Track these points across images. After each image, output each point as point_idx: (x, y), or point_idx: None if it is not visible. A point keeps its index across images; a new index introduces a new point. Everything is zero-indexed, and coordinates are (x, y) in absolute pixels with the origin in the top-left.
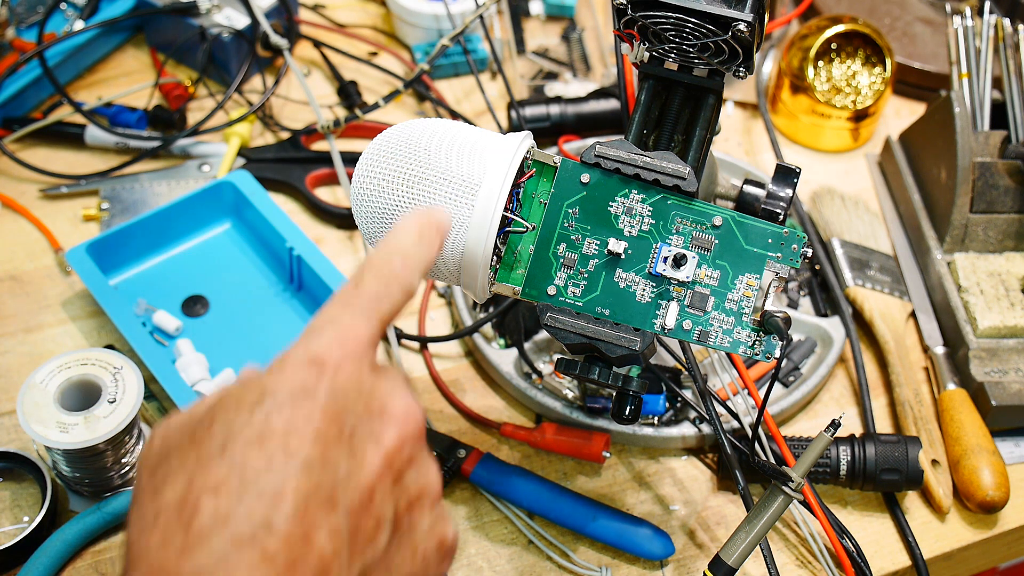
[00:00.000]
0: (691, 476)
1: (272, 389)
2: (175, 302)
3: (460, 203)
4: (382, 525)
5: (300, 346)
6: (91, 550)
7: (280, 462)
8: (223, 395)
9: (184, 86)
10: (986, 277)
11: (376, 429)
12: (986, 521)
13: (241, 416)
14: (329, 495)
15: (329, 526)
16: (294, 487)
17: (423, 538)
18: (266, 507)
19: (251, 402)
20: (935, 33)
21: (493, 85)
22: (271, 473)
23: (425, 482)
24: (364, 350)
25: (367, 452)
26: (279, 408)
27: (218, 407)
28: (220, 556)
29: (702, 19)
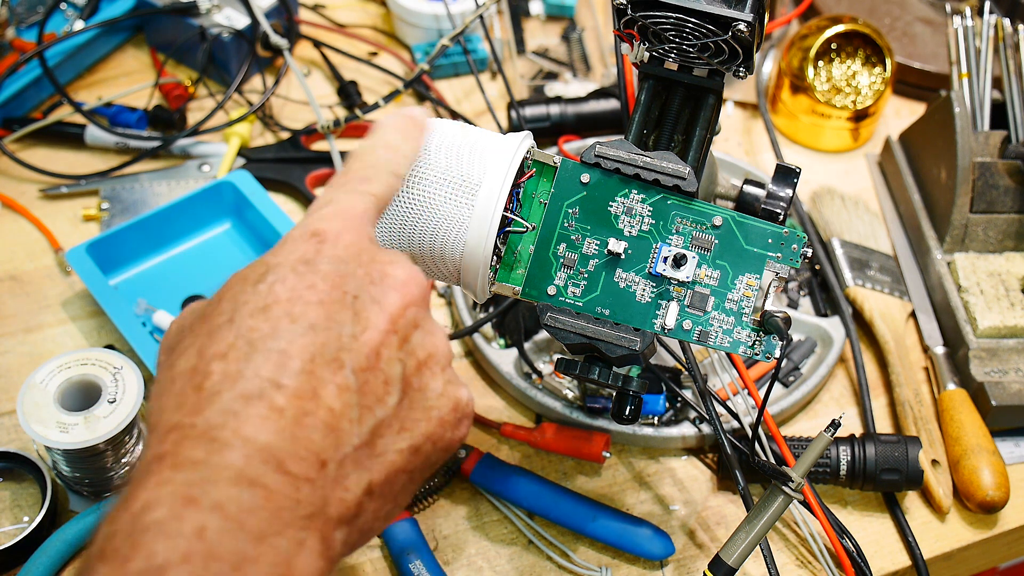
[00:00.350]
0: (691, 476)
1: (275, 263)
2: (175, 302)
3: (460, 203)
4: (391, 384)
5: (300, 224)
6: None
7: (285, 325)
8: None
9: (184, 86)
10: (986, 277)
11: (378, 293)
12: (986, 521)
13: (247, 290)
14: (335, 355)
15: (336, 382)
16: (300, 347)
17: (436, 399)
18: (273, 366)
19: (256, 277)
20: (935, 33)
21: (493, 85)
22: (277, 336)
23: (432, 345)
24: (360, 222)
25: (371, 314)
26: (282, 279)
27: (226, 287)
28: (230, 411)
29: (702, 19)
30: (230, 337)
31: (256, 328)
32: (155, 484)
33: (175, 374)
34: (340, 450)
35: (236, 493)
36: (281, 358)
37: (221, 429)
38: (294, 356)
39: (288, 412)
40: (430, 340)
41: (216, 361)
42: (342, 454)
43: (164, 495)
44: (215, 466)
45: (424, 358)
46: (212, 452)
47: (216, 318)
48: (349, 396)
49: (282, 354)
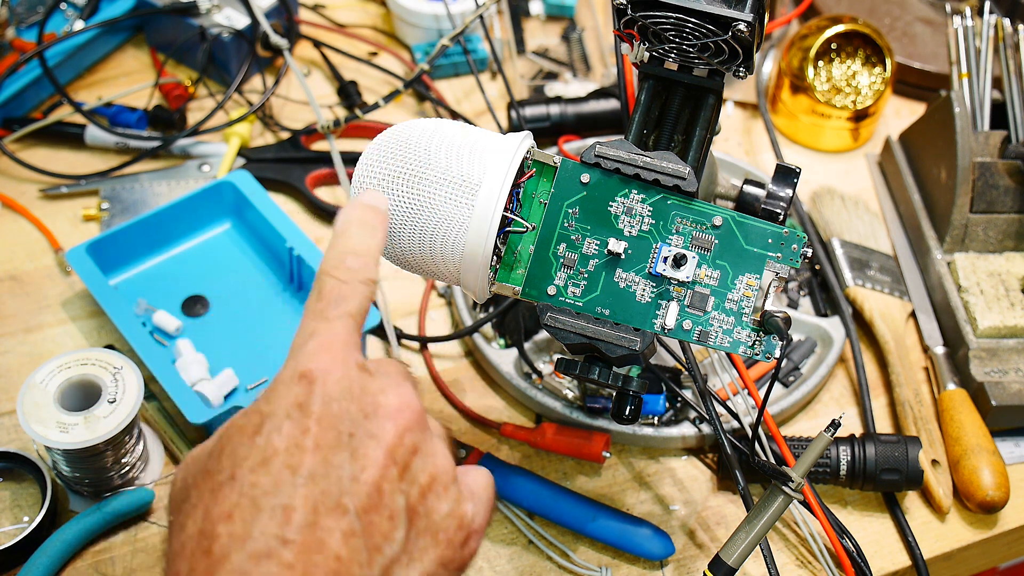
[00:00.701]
0: (691, 476)
1: (269, 412)
2: (175, 302)
3: (460, 203)
4: (396, 518)
5: (288, 365)
6: (91, 550)
7: (286, 479)
8: (229, 426)
9: (184, 86)
10: (986, 277)
11: (373, 427)
12: (986, 521)
13: (244, 443)
14: (337, 501)
15: (341, 529)
16: (302, 499)
17: (442, 521)
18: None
19: (252, 429)
20: (935, 33)
21: (493, 85)
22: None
23: (434, 468)
24: (346, 353)
25: (368, 450)
26: (278, 428)
27: (224, 439)
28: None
29: (702, 19)
30: (233, 496)
31: (257, 484)
32: None
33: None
34: None
35: None
36: (285, 513)
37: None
38: (297, 509)
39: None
40: (431, 462)
41: (222, 523)
42: None
43: None
44: None
45: (427, 482)
46: None
47: (217, 475)
48: (355, 541)
49: (286, 509)
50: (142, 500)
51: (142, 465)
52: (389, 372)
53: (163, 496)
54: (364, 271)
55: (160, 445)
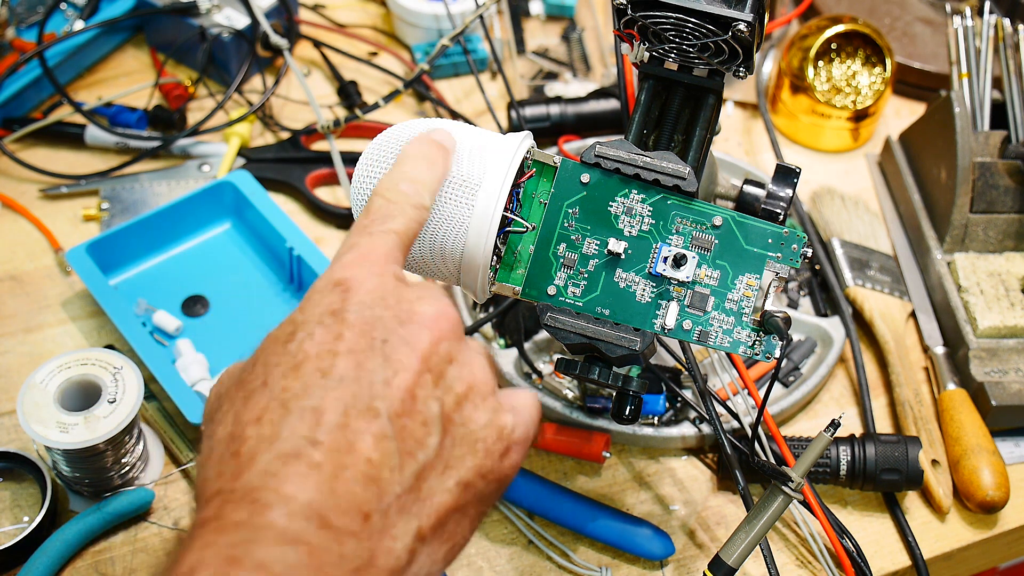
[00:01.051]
0: (691, 476)
1: (302, 320)
2: (175, 302)
3: (460, 203)
4: (430, 424)
5: (324, 275)
6: (91, 550)
7: (316, 381)
8: (265, 339)
9: (184, 86)
10: (986, 277)
11: (407, 333)
12: (986, 521)
13: (278, 350)
14: (368, 404)
15: (373, 432)
16: (332, 401)
17: (481, 431)
18: (308, 424)
19: (285, 336)
20: (935, 33)
21: (493, 85)
22: (309, 393)
23: (471, 377)
24: (384, 264)
25: (402, 356)
26: (310, 334)
27: (259, 350)
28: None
29: (702, 19)
30: (264, 400)
31: (288, 388)
32: (200, 547)
33: (214, 443)
34: (383, 500)
35: (280, 552)
36: (315, 415)
37: (261, 490)
38: (327, 411)
39: (326, 468)
40: (467, 371)
41: (251, 426)
42: (385, 504)
43: (208, 557)
44: (257, 526)
45: (463, 391)
46: (254, 513)
47: (251, 383)
48: (387, 444)
49: (315, 411)
50: (142, 500)
51: (142, 465)
52: (429, 285)
53: (163, 496)
54: (416, 197)
55: (160, 445)
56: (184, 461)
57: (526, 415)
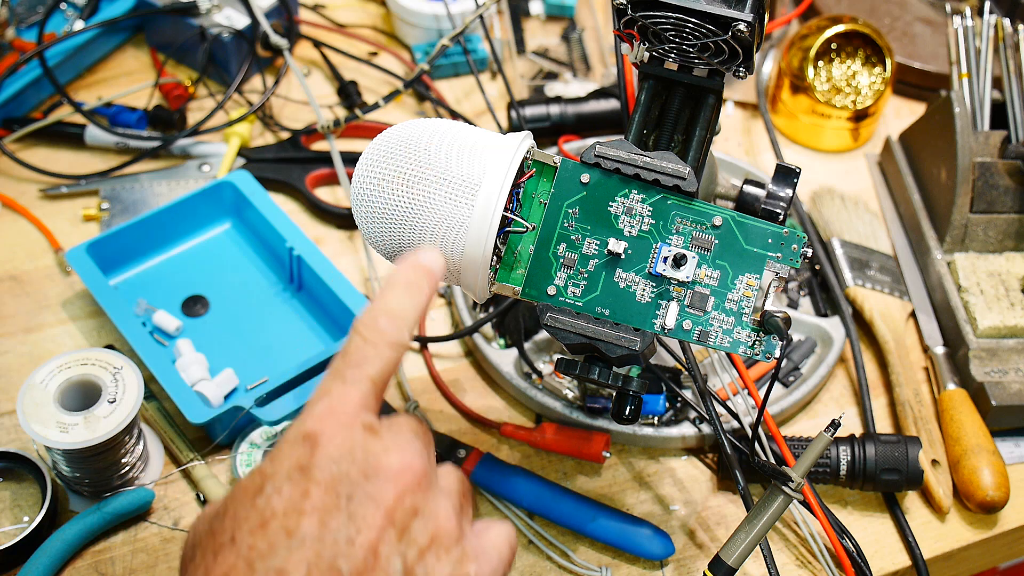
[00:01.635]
0: (691, 476)
1: (271, 472)
2: (175, 302)
3: (460, 203)
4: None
5: (295, 425)
6: (91, 550)
7: (281, 541)
8: (236, 487)
9: (184, 86)
10: (986, 277)
11: (373, 489)
12: (986, 521)
13: (246, 504)
14: (331, 563)
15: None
16: (296, 562)
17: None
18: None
19: (254, 490)
20: (935, 33)
21: (493, 85)
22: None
23: (435, 528)
24: (354, 416)
25: (366, 512)
26: (277, 490)
27: (230, 499)
28: None
29: (702, 19)
30: (231, 558)
31: (254, 547)
32: None
33: None
34: None
35: None
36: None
37: None
38: (291, 572)
39: None
40: (431, 524)
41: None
42: None
43: None
44: None
45: (426, 543)
46: None
47: (220, 536)
48: None
49: (279, 572)
50: (142, 500)
51: (142, 465)
52: (399, 430)
53: (163, 496)
54: (395, 334)
55: (160, 445)
56: (184, 461)
57: (493, 557)
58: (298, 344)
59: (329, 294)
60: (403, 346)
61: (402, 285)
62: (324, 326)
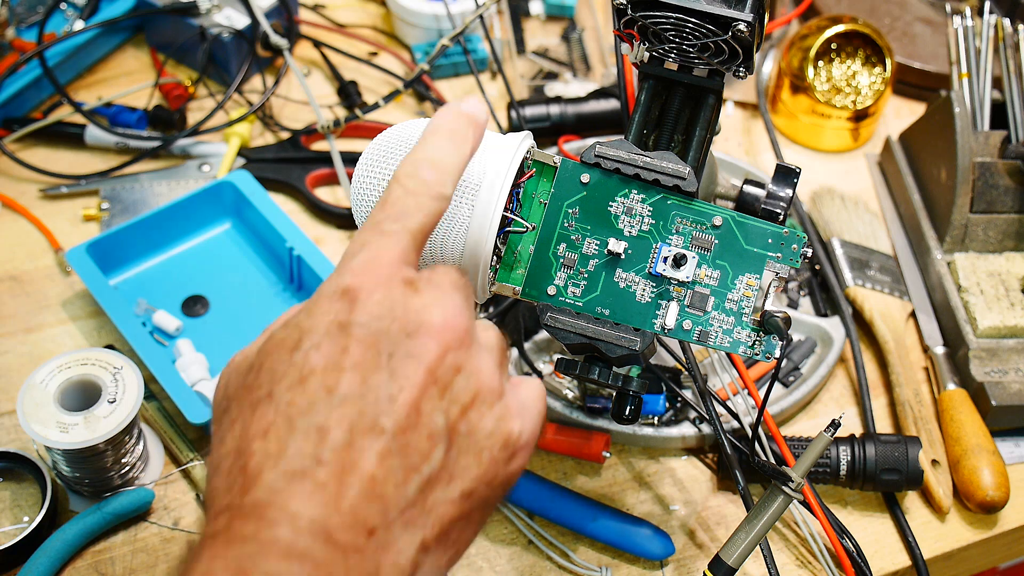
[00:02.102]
0: (691, 476)
1: (308, 328)
2: (175, 302)
3: (460, 203)
4: (435, 437)
5: (333, 278)
6: (91, 550)
7: (322, 399)
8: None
9: (184, 86)
10: (986, 277)
11: (414, 346)
12: (986, 521)
13: (283, 360)
14: (373, 422)
15: (376, 449)
16: (337, 419)
17: (486, 440)
18: (313, 443)
19: (291, 345)
20: (935, 33)
21: (493, 85)
22: (314, 410)
23: (477, 385)
24: (394, 271)
25: (408, 370)
26: (316, 346)
27: (264, 353)
28: (275, 489)
29: (702, 19)
30: (270, 414)
31: (294, 403)
32: (208, 558)
33: (223, 453)
34: (387, 516)
35: (286, 566)
36: (320, 434)
37: (268, 507)
38: (332, 429)
39: (331, 487)
40: (474, 380)
41: (258, 440)
42: (389, 519)
43: (217, 567)
44: (264, 541)
45: (469, 400)
46: (261, 528)
47: (256, 391)
48: (391, 461)
49: (320, 430)
50: (142, 500)
51: (142, 465)
52: (439, 284)
53: (163, 496)
54: (438, 185)
55: (160, 445)
56: (184, 461)
57: (533, 413)
58: None
59: None
60: (446, 198)
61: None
62: None
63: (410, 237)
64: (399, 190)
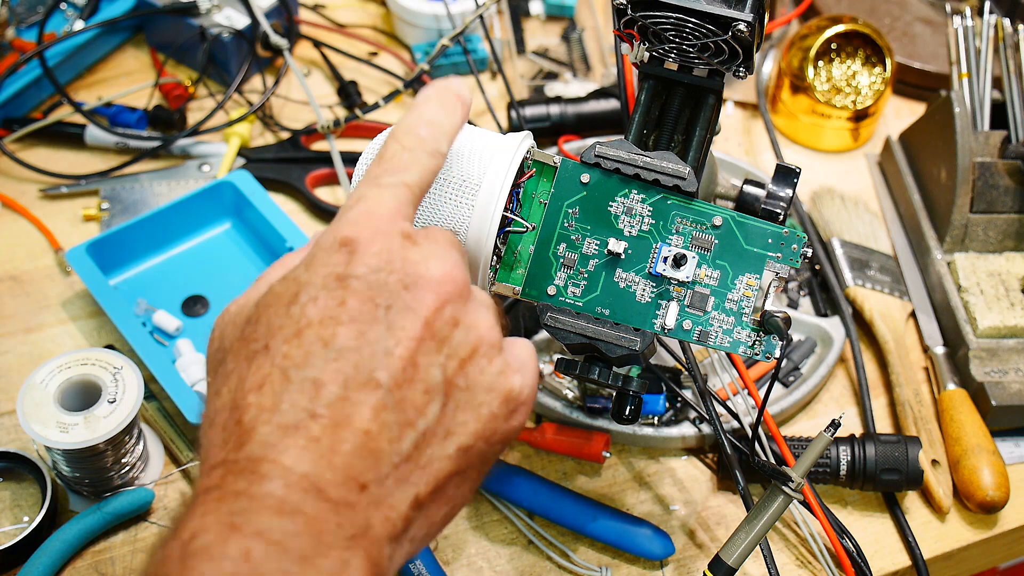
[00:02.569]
0: (691, 476)
1: (306, 281)
2: (175, 302)
3: (460, 203)
4: (431, 392)
5: (331, 229)
6: (91, 550)
7: (318, 351)
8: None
9: (184, 86)
10: (986, 277)
11: (411, 299)
12: (986, 521)
13: (280, 312)
14: (368, 375)
15: (372, 404)
16: (332, 373)
17: (485, 395)
18: (308, 396)
19: (289, 297)
20: (935, 33)
21: (493, 85)
22: (309, 364)
23: (476, 339)
24: (392, 223)
25: (405, 322)
26: (313, 298)
27: (262, 306)
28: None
29: (702, 19)
30: (266, 367)
31: (290, 355)
32: (201, 514)
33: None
34: (380, 471)
35: (277, 521)
36: (315, 387)
37: (261, 462)
38: (327, 383)
39: (324, 441)
40: (473, 334)
41: (253, 393)
42: (383, 474)
43: (210, 523)
44: (256, 496)
45: (467, 354)
46: (253, 483)
47: (253, 343)
48: (386, 415)
49: (315, 383)
50: (142, 500)
51: (142, 465)
52: (435, 239)
53: (163, 496)
54: (433, 142)
55: (160, 445)
56: (184, 461)
57: (531, 368)
58: None
59: None
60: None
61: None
62: None
63: (407, 191)
64: (395, 146)
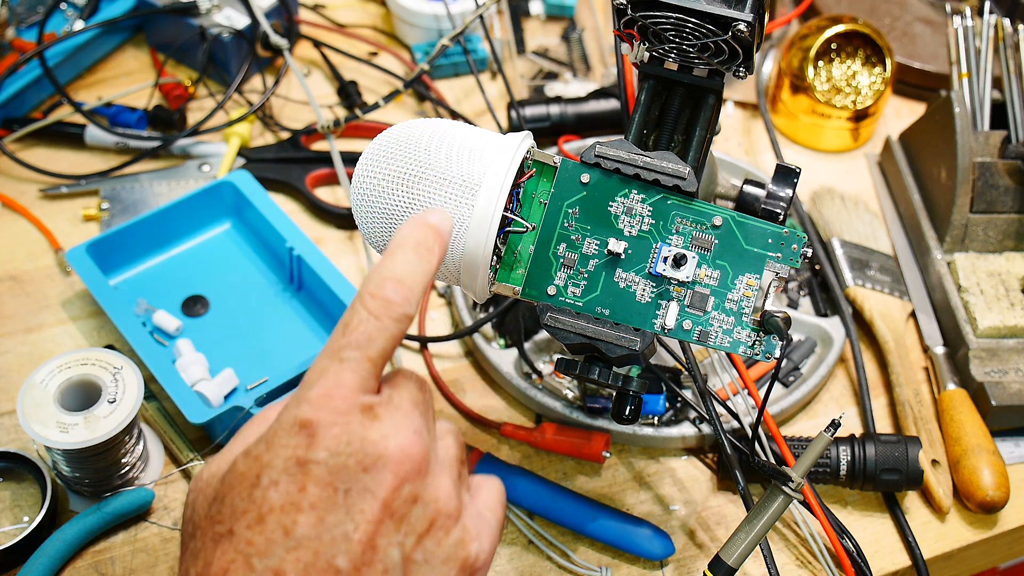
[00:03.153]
0: (691, 476)
1: (267, 463)
2: (175, 302)
3: (460, 203)
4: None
5: (291, 408)
6: (91, 550)
7: (279, 540)
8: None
9: (184, 86)
10: (986, 277)
11: (371, 481)
12: (986, 521)
13: (243, 495)
14: (329, 561)
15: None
16: (293, 562)
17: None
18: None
19: (251, 480)
20: (935, 33)
21: (493, 85)
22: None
23: (434, 512)
24: (352, 401)
25: (365, 505)
26: (274, 483)
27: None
28: None
29: (702, 19)
30: (230, 553)
31: (253, 542)
32: None
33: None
34: None
35: None
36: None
37: None
38: (288, 572)
39: None
40: (431, 508)
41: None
42: None
43: None
44: None
45: (425, 528)
46: None
47: (218, 526)
48: None
49: (276, 572)
50: (142, 500)
51: (142, 465)
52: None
53: (163, 496)
54: (402, 305)
55: (160, 445)
56: (184, 461)
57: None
58: (298, 344)
59: (329, 294)
60: (409, 318)
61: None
62: (324, 326)
63: (370, 364)
64: (362, 312)
